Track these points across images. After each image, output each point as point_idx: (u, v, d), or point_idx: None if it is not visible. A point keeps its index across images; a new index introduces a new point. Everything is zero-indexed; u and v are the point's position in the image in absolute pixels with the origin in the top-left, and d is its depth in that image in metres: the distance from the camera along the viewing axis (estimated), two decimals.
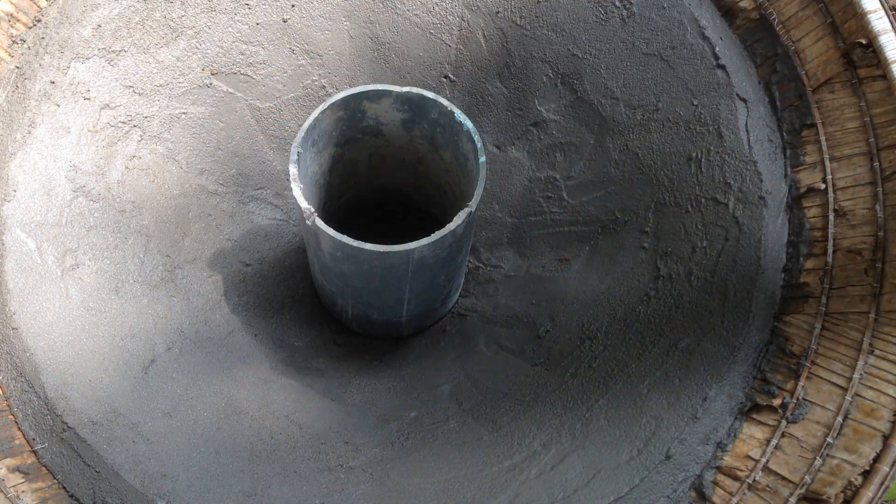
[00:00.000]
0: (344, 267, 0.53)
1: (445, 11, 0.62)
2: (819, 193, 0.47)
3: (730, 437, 0.45)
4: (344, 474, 0.52)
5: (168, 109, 0.61)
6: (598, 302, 0.57)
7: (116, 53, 0.57)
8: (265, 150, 0.68)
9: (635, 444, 0.47)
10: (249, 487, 0.49)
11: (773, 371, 0.46)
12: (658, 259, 0.54)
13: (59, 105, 0.55)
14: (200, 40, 0.61)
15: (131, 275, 0.57)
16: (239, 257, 0.68)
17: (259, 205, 0.71)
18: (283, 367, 0.63)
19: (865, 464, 0.40)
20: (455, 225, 0.50)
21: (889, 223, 0.44)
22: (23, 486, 0.47)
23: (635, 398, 0.49)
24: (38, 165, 0.53)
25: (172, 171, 0.62)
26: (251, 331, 0.65)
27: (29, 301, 0.51)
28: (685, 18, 0.55)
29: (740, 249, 0.48)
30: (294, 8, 0.62)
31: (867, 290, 0.44)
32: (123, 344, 0.54)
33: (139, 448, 0.49)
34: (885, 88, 0.43)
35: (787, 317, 0.47)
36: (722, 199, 0.49)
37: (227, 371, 0.59)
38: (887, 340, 0.42)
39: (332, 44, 0.64)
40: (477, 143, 0.60)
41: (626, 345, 0.52)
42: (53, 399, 0.49)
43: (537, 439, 0.51)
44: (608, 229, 0.60)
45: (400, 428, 0.57)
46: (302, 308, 0.72)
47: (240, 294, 0.66)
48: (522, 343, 0.62)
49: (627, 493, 0.45)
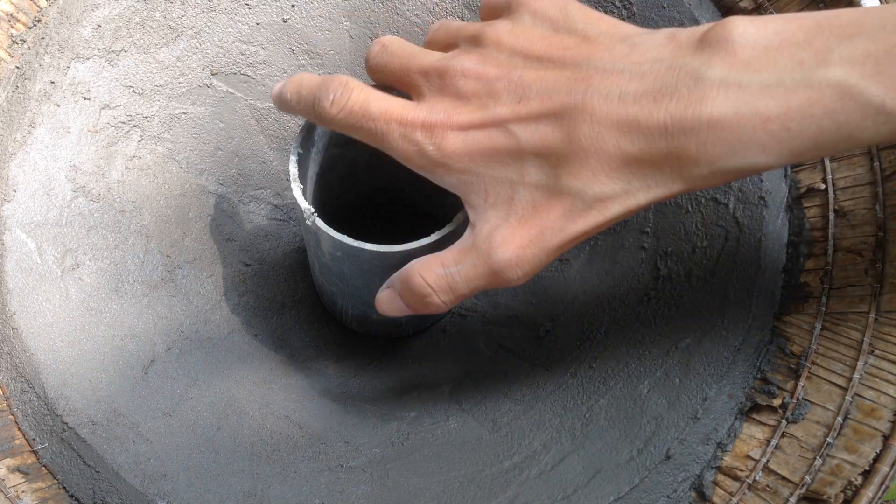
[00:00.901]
0: (344, 267, 0.53)
1: (445, 11, 0.61)
2: (819, 193, 0.47)
3: (730, 437, 0.45)
4: (344, 474, 0.52)
5: (168, 109, 0.61)
6: (598, 302, 0.57)
7: (116, 53, 0.57)
8: (265, 150, 0.68)
9: (635, 444, 0.46)
10: (249, 487, 0.49)
11: (773, 371, 0.45)
12: (658, 259, 0.54)
13: (59, 105, 0.55)
14: (200, 40, 0.60)
15: (131, 275, 0.57)
16: (239, 257, 0.68)
17: (259, 205, 0.70)
18: (283, 367, 0.63)
19: (865, 464, 0.40)
20: (455, 225, 0.50)
21: (889, 223, 0.44)
22: (23, 486, 0.47)
23: (635, 398, 0.49)
24: (38, 165, 0.53)
25: (172, 171, 0.62)
26: (251, 331, 0.64)
27: (29, 301, 0.51)
28: (685, 19, 0.55)
29: (740, 249, 0.48)
30: (294, 8, 0.62)
31: (867, 290, 0.44)
32: (123, 344, 0.53)
33: (139, 448, 0.49)
34: None
35: (787, 317, 0.46)
36: (722, 199, 0.49)
37: (227, 371, 0.58)
38: (887, 340, 0.42)
39: (332, 44, 0.64)
40: None
41: (626, 345, 0.52)
42: (53, 399, 0.49)
43: (537, 439, 0.51)
44: (608, 229, 0.60)
45: (400, 428, 0.57)
46: (302, 308, 0.72)
47: (240, 294, 0.66)
48: (522, 343, 0.62)
49: (627, 493, 0.45)
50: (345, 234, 0.48)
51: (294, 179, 0.50)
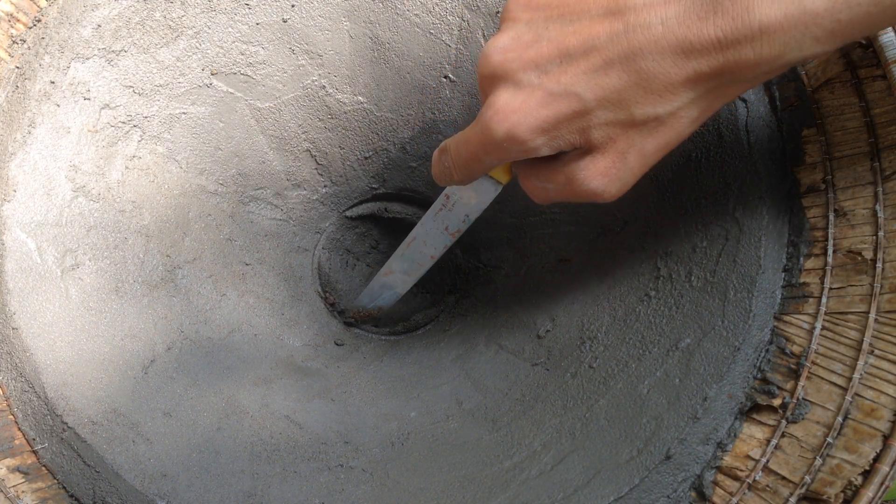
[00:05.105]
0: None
1: (445, 11, 0.61)
2: (819, 193, 0.47)
3: (730, 437, 0.45)
4: (344, 474, 0.52)
5: (168, 109, 0.61)
6: (598, 302, 0.57)
7: (116, 53, 0.57)
8: (265, 150, 0.68)
9: (635, 444, 0.46)
10: (249, 487, 0.49)
11: (773, 371, 0.45)
12: (658, 259, 0.53)
13: (59, 105, 0.54)
14: (200, 40, 0.60)
15: (131, 275, 0.57)
16: (239, 257, 0.68)
17: (259, 205, 0.70)
18: (283, 367, 0.63)
19: (865, 464, 0.40)
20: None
21: (889, 223, 0.44)
22: (23, 486, 0.47)
23: (635, 398, 0.49)
24: (38, 165, 0.53)
25: (172, 171, 0.62)
26: (251, 331, 0.64)
27: (29, 301, 0.51)
28: None
29: (740, 249, 0.48)
30: (294, 8, 0.62)
31: (867, 290, 0.44)
32: (123, 344, 0.53)
33: (139, 448, 0.49)
34: (885, 88, 0.43)
35: (787, 317, 0.46)
36: (722, 199, 0.49)
37: (227, 371, 0.58)
38: (887, 340, 0.42)
39: (332, 44, 0.64)
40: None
41: (626, 345, 0.52)
42: (53, 399, 0.49)
43: (537, 439, 0.51)
44: (608, 229, 0.60)
45: (400, 428, 0.57)
46: (302, 308, 0.72)
47: (240, 294, 0.66)
48: (522, 343, 0.62)
49: (627, 493, 0.45)
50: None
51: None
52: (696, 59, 0.31)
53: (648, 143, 0.35)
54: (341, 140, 0.71)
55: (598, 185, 0.37)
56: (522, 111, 0.36)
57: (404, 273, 0.66)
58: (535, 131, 0.36)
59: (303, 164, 0.71)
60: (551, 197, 0.40)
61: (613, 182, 0.37)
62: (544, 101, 0.36)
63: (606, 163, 0.36)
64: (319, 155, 0.71)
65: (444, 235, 0.59)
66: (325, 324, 0.72)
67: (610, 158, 0.36)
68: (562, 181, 0.38)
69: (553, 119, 0.36)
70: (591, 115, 0.34)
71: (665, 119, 0.33)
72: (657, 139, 0.35)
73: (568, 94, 0.35)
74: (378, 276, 0.69)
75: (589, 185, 0.37)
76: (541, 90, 0.35)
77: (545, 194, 0.40)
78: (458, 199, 0.55)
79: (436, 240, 0.60)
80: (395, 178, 0.75)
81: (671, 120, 0.33)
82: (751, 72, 0.31)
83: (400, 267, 0.66)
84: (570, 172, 0.37)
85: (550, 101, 0.35)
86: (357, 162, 0.73)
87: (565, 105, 0.35)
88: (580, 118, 0.35)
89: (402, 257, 0.65)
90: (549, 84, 0.35)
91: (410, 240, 0.62)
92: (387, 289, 0.69)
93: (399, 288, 0.68)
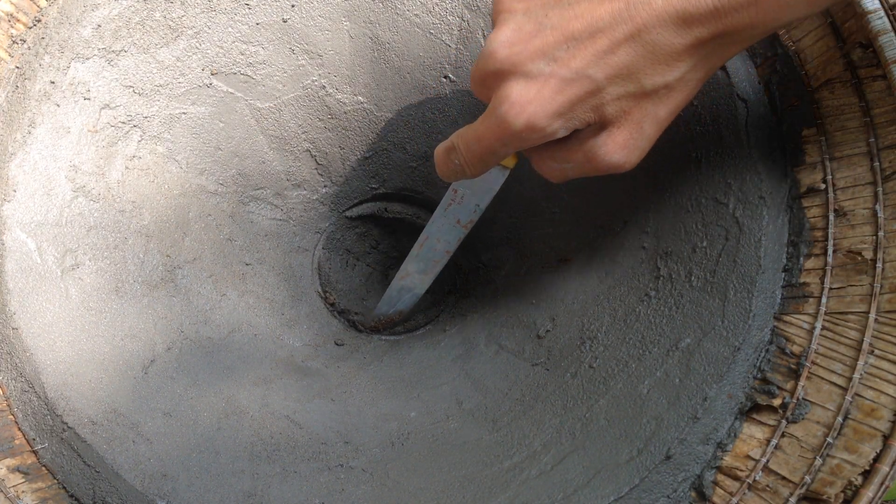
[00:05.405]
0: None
1: (445, 11, 0.61)
2: (819, 193, 0.47)
3: (730, 437, 0.45)
4: (344, 474, 0.52)
5: (168, 109, 0.61)
6: (598, 302, 0.57)
7: (116, 53, 0.57)
8: (265, 150, 0.68)
9: (635, 444, 0.46)
10: (249, 487, 0.49)
11: (773, 371, 0.45)
12: (658, 259, 0.53)
13: (59, 105, 0.54)
14: (200, 40, 0.60)
15: (131, 275, 0.57)
16: (239, 257, 0.68)
17: (259, 205, 0.70)
18: (283, 367, 0.63)
19: (865, 464, 0.40)
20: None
21: (889, 223, 0.44)
22: (23, 486, 0.47)
23: (635, 398, 0.49)
24: (38, 165, 0.53)
25: (172, 171, 0.62)
26: (251, 331, 0.64)
27: (29, 301, 0.51)
28: None
29: (740, 249, 0.48)
30: (294, 8, 0.62)
31: (867, 290, 0.44)
32: (123, 344, 0.53)
33: (139, 448, 0.49)
34: (885, 88, 0.43)
35: (787, 317, 0.46)
36: (722, 199, 0.49)
37: (227, 371, 0.58)
38: (887, 340, 0.42)
39: (332, 44, 0.64)
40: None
41: (626, 345, 0.52)
42: (53, 399, 0.49)
43: (537, 439, 0.51)
44: (608, 229, 0.60)
45: (400, 428, 0.57)
46: (302, 308, 0.72)
47: (240, 294, 0.66)
48: (522, 343, 0.62)
49: (627, 493, 0.45)
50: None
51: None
52: (697, 27, 0.32)
53: (661, 110, 0.36)
54: (341, 140, 0.71)
55: (619, 157, 0.38)
56: (538, 101, 0.37)
57: (421, 273, 0.67)
58: (553, 117, 0.37)
59: (303, 164, 0.71)
60: (568, 175, 0.41)
61: (633, 152, 0.38)
62: (559, 88, 0.36)
63: (624, 135, 0.37)
64: (319, 155, 0.71)
65: (457, 228, 0.59)
66: (325, 324, 0.72)
67: (627, 130, 0.37)
68: (580, 159, 0.39)
69: (568, 103, 0.37)
70: (603, 93, 0.36)
71: (674, 85, 0.35)
72: (668, 104, 0.36)
73: (580, 78, 0.36)
74: (395, 281, 0.69)
75: (611, 159, 0.38)
76: (553, 78, 0.36)
77: (562, 174, 0.41)
78: (467, 191, 0.55)
79: (449, 234, 0.60)
80: (395, 178, 0.75)
81: (679, 85, 0.35)
82: (746, 33, 0.33)
83: (416, 268, 0.66)
84: (589, 150, 0.38)
85: (564, 86, 0.36)
86: (357, 162, 0.73)
87: (579, 88, 0.36)
88: (594, 97, 0.36)
89: (416, 258, 0.65)
90: (561, 70, 0.36)
91: (423, 239, 0.63)
92: (405, 291, 0.69)
93: (418, 288, 0.69)
